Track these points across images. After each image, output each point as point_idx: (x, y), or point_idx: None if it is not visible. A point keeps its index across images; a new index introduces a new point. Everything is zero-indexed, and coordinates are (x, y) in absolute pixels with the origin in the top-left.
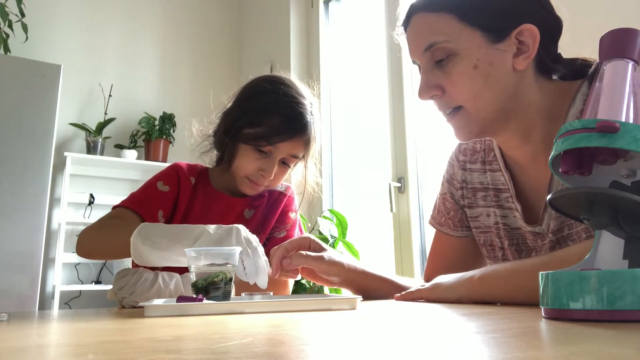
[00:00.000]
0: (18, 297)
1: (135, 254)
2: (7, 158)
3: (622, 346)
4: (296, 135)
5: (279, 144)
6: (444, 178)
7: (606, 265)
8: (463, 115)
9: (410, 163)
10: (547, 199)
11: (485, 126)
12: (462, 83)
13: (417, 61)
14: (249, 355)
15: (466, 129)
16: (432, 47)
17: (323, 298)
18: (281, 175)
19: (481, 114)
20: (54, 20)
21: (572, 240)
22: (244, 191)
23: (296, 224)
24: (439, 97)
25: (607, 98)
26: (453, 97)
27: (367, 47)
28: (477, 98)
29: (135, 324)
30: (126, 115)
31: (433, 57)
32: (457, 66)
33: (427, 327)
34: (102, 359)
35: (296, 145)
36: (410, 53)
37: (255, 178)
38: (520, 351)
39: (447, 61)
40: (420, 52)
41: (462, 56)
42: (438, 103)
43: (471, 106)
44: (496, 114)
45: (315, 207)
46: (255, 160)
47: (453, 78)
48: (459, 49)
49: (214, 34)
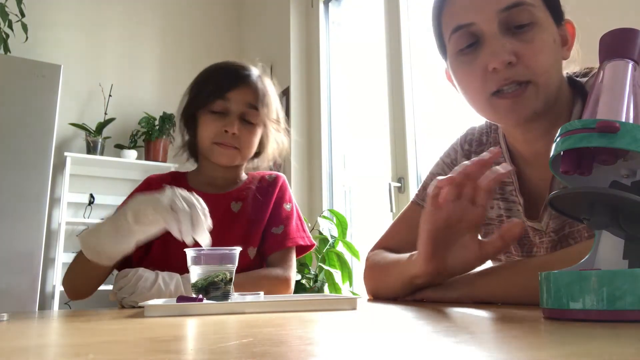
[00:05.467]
0: (18, 297)
1: (85, 249)
2: (7, 158)
3: (622, 346)
4: (242, 83)
5: (228, 94)
6: (442, 160)
7: (606, 265)
8: (532, 90)
9: (410, 163)
10: (547, 199)
11: (546, 107)
12: (545, 54)
13: (479, 23)
14: (249, 355)
15: (532, 106)
16: (519, 5)
17: (323, 298)
18: (248, 134)
19: (548, 91)
20: (54, 20)
21: (574, 239)
22: (219, 160)
23: (293, 215)
24: (512, 65)
25: (607, 98)
26: (529, 68)
27: (367, 47)
28: (549, 73)
29: (135, 324)
30: (126, 115)
31: (513, 21)
32: (542, 35)
33: (426, 327)
34: (102, 359)
35: (247, 93)
36: (466, 12)
37: (221, 138)
38: (520, 351)
39: (529, 28)
40: (495, 9)
41: (544, 27)
42: (506, 73)
43: (543, 81)
44: (555, 95)
45: (315, 207)
46: (214, 121)
47: (536, 48)
48: (541, 20)
49: (214, 34)
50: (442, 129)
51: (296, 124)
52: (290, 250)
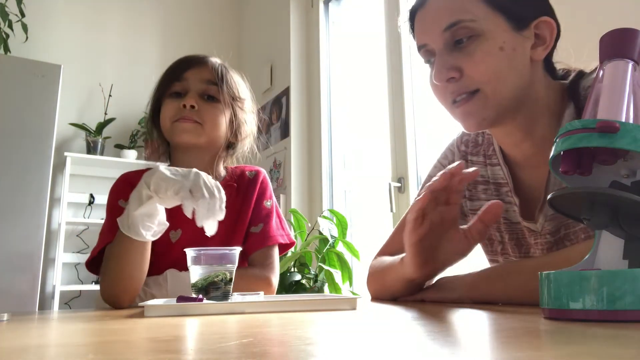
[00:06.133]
0: (18, 297)
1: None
2: (7, 158)
3: (622, 346)
4: (198, 63)
5: (185, 74)
6: (439, 162)
7: (606, 265)
8: (479, 99)
9: (410, 163)
10: (547, 199)
11: (498, 113)
12: (487, 63)
13: (430, 44)
14: (249, 355)
15: (480, 115)
16: (455, 25)
17: (323, 298)
18: (210, 108)
19: (498, 98)
20: (54, 20)
21: (570, 241)
22: (181, 138)
23: (272, 212)
24: (455, 80)
25: (607, 98)
26: (473, 79)
27: (367, 47)
28: (499, 80)
29: (135, 324)
30: (126, 115)
31: (453, 37)
32: (482, 46)
33: (426, 327)
34: (102, 359)
35: (203, 71)
36: (422, 34)
37: (179, 114)
38: (520, 351)
39: (470, 42)
40: (439, 31)
41: (487, 37)
42: (453, 87)
43: (491, 88)
44: (511, 102)
45: (315, 207)
46: (173, 102)
47: (477, 58)
48: (484, 30)
49: (214, 34)
50: (442, 129)
51: (296, 124)
52: (271, 249)
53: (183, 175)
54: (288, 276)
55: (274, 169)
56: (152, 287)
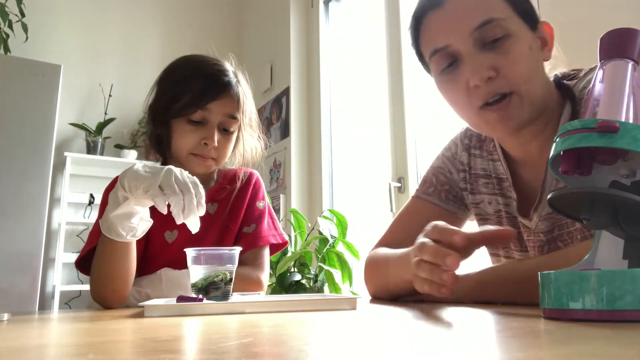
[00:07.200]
0: (18, 297)
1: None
2: (7, 158)
3: (622, 346)
4: (223, 93)
5: (209, 104)
6: (442, 154)
7: (606, 265)
8: (516, 101)
9: (410, 163)
10: (547, 199)
11: (532, 116)
12: (522, 62)
13: (455, 44)
14: (249, 355)
15: (518, 117)
16: (490, 22)
17: (323, 298)
18: (226, 143)
19: (532, 99)
20: (54, 20)
21: (563, 241)
22: (195, 171)
23: (265, 213)
24: (492, 80)
25: (607, 98)
26: (508, 80)
27: (367, 47)
28: (531, 81)
29: (135, 324)
30: (126, 115)
31: (486, 37)
32: (516, 46)
33: (426, 327)
34: (102, 359)
35: (227, 104)
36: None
37: (199, 150)
38: (520, 351)
39: (504, 41)
40: (468, 30)
41: (518, 37)
42: (487, 88)
43: (525, 90)
44: (541, 100)
45: (315, 207)
46: (192, 132)
47: (513, 57)
48: (514, 30)
49: (214, 34)
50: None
51: (296, 124)
52: (262, 249)
53: (153, 172)
54: (288, 276)
55: (274, 169)
56: (146, 286)
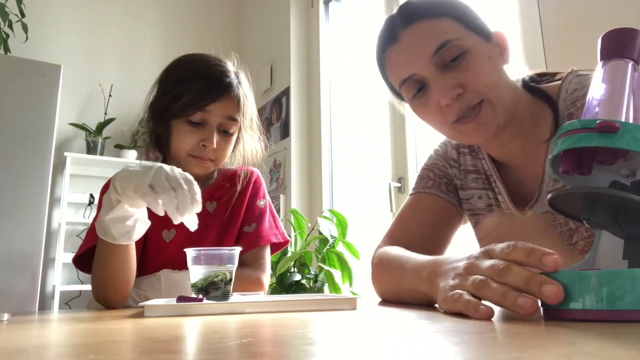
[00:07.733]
0: (18, 297)
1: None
2: (7, 158)
3: (622, 346)
4: (223, 94)
5: (209, 106)
6: (435, 153)
7: (606, 265)
8: (488, 108)
9: (410, 163)
10: (547, 199)
11: (506, 118)
12: (484, 73)
13: (419, 72)
14: (249, 355)
15: (492, 122)
16: (445, 45)
17: (323, 298)
18: (225, 144)
19: (503, 103)
20: (54, 20)
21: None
22: (193, 171)
23: (266, 212)
24: (461, 96)
25: (607, 98)
26: (476, 91)
27: (367, 47)
28: (498, 87)
29: (135, 324)
30: (126, 115)
31: (445, 58)
32: (475, 59)
33: (427, 327)
34: (102, 359)
35: (227, 105)
36: (405, 66)
37: (198, 152)
38: (520, 351)
39: (462, 58)
40: (427, 56)
41: (475, 51)
42: (458, 104)
43: (493, 95)
44: (510, 104)
45: (315, 207)
46: (192, 133)
47: (474, 71)
48: (469, 46)
49: (214, 34)
50: None
51: (296, 124)
52: (264, 249)
53: (143, 171)
54: (288, 276)
55: (274, 169)
56: (146, 289)
